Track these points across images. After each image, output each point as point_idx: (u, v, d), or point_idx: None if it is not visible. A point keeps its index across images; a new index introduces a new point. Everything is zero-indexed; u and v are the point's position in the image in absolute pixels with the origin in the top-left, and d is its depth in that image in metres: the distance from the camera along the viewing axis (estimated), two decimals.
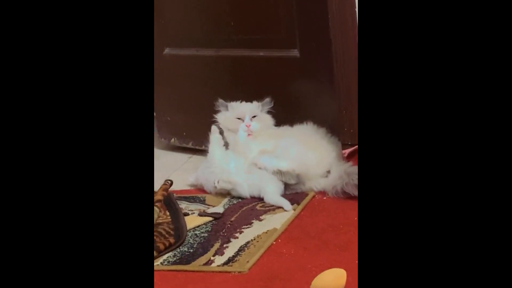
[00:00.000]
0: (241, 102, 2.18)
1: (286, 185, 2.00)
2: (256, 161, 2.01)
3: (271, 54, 2.28)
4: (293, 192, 2.02)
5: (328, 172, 2.00)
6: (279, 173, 1.97)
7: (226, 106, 2.17)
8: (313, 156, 2.00)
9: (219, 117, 2.17)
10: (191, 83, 2.52)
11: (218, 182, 2.01)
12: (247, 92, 2.33)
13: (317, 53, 2.14)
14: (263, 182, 1.99)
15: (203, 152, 2.26)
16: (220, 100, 2.17)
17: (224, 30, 2.34)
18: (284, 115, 2.23)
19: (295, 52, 2.23)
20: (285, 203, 1.92)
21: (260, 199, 2.01)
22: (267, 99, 2.16)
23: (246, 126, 2.10)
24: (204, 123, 2.40)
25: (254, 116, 2.14)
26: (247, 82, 2.37)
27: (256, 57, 2.32)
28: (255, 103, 2.18)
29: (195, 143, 2.50)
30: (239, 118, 2.13)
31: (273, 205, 1.95)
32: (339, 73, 2.06)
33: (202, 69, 2.47)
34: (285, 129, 2.16)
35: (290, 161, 1.97)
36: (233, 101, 2.19)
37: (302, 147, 2.02)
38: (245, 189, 2.03)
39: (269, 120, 2.17)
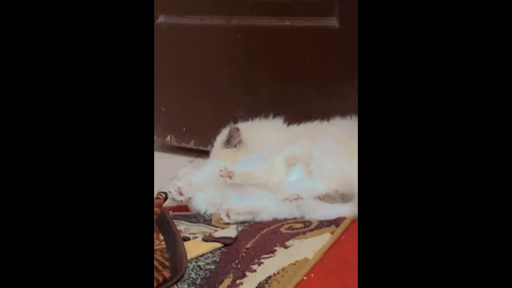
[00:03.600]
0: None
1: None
2: (285, 192, 2.01)
3: (301, 23, 2.30)
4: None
5: None
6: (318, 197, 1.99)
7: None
8: None
9: None
10: (194, 61, 2.55)
11: (227, 214, 2.02)
12: (268, 74, 2.39)
13: None
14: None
15: (209, 154, 2.30)
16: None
17: None
18: (318, 106, 2.27)
19: (333, 21, 2.24)
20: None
21: (286, 219, 2.01)
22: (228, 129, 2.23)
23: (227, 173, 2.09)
24: (210, 115, 2.50)
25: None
26: (269, 61, 2.40)
27: (280, 27, 2.35)
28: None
29: (198, 142, 2.55)
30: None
31: (304, 226, 1.95)
32: None
33: (208, 43, 2.51)
34: (319, 126, 2.17)
35: (329, 178, 1.98)
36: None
37: (343, 152, 2.02)
38: (272, 211, 2.02)
39: (276, 127, 2.22)
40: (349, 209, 1.93)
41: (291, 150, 2.09)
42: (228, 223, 2.03)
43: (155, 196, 2.11)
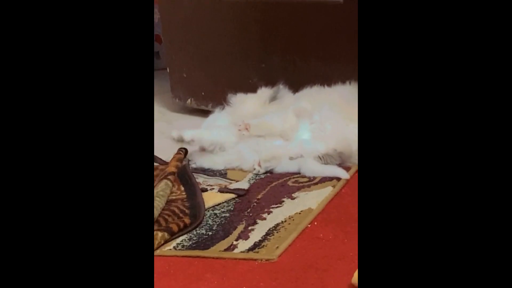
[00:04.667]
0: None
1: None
2: (290, 152, 2.06)
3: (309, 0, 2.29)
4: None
5: None
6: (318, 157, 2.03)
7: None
8: (356, 127, 1.98)
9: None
10: (212, 32, 2.55)
11: (259, 164, 2.06)
12: (279, 45, 2.38)
13: None
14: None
15: None
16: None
17: None
18: (323, 73, 2.26)
19: None
20: (342, 171, 1.97)
21: (293, 173, 2.04)
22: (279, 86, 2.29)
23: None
24: (227, 80, 2.50)
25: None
26: (280, 33, 2.39)
27: (290, 3, 2.33)
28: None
29: (215, 104, 2.51)
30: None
31: (309, 180, 1.98)
32: None
33: (225, 16, 2.49)
34: (321, 91, 2.20)
35: (328, 139, 2.03)
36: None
37: (342, 116, 2.07)
38: (284, 165, 2.08)
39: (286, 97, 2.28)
40: (344, 173, 1.98)
41: (298, 104, 2.15)
42: (246, 175, 2.06)
43: (177, 151, 2.13)
